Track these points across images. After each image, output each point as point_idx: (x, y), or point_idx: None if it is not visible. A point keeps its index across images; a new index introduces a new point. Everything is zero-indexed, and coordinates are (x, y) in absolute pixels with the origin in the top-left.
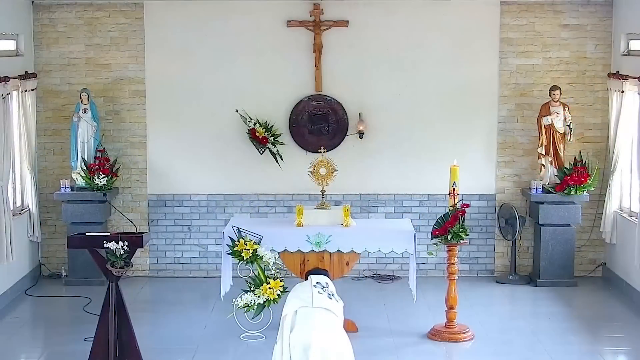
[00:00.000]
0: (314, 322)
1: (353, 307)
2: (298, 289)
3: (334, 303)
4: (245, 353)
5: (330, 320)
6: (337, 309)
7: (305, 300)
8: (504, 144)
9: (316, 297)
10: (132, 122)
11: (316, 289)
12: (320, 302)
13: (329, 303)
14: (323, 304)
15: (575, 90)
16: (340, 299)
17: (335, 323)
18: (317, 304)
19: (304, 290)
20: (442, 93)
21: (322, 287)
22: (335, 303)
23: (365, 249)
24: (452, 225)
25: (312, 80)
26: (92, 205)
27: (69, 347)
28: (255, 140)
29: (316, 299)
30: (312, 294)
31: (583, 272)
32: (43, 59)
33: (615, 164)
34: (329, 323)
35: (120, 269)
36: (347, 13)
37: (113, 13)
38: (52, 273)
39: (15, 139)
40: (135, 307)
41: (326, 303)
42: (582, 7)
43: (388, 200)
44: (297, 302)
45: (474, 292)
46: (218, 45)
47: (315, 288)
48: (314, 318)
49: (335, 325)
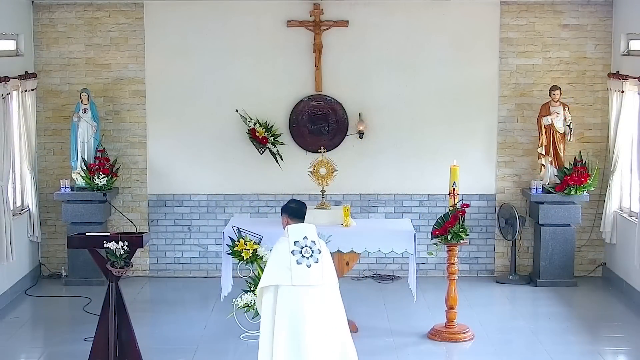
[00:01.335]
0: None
1: (353, 307)
2: (277, 256)
3: (318, 269)
4: (245, 353)
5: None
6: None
7: (284, 278)
8: (504, 144)
9: (296, 271)
10: (132, 122)
11: (295, 257)
12: (300, 278)
13: (312, 275)
14: (303, 281)
15: (575, 90)
16: (326, 249)
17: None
18: (296, 281)
19: (283, 258)
20: (442, 93)
21: (301, 247)
22: (318, 271)
23: (365, 249)
24: (452, 225)
25: (312, 80)
26: (92, 205)
27: (69, 347)
28: (255, 140)
29: (296, 275)
30: (291, 266)
31: (583, 272)
32: (43, 59)
33: (615, 164)
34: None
35: (120, 269)
36: (347, 13)
37: (113, 13)
38: (52, 273)
39: (15, 139)
40: (135, 307)
41: (308, 278)
42: (582, 7)
43: (388, 200)
44: (275, 277)
45: (474, 292)
46: (218, 45)
47: (293, 256)
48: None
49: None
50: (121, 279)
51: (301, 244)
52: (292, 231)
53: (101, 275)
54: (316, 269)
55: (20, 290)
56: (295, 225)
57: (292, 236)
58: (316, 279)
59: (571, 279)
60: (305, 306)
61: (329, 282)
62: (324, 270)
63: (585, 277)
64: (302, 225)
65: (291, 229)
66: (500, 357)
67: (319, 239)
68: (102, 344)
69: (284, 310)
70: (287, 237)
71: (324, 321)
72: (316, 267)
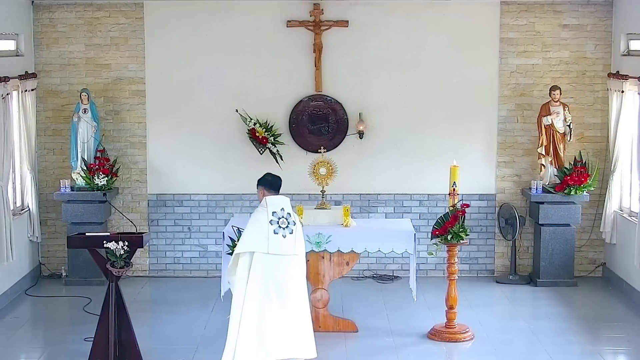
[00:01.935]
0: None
1: (353, 307)
2: (256, 225)
3: (291, 240)
4: None
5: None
6: (296, 248)
7: (261, 245)
8: (504, 144)
9: (272, 240)
10: (132, 122)
11: (272, 226)
12: (276, 247)
13: (286, 245)
14: (278, 250)
15: (575, 90)
16: (299, 222)
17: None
18: (272, 250)
19: (261, 227)
20: (442, 93)
21: (278, 218)
22: (291, 242)
23: (365, 249)
24: (452, 225)
25: (312, 80)
26: (92, 205)
27: (69, 347)
28: (255, 140)
29: (272, 244)
30: (268, 235)
31: (583, 272)
32: (43, 59)
33: (615, 164)
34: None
35: (120, 269)
36: (347, 13)
37: (113, 13)
38: (52, 273)
39: (15, 139)
40: (135, 307)
41: (282, 247)
42: (582, 7)
43: (388, 200)
44: (252, 244)
45: (474, 292)
46: (218, 45)
47: (271, 226)
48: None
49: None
50: (121, 279)
51: (278, 214)
52: (271, 202)
53: (101, 275)
54: (290, 240)
55: (20, 290)
56: (273, 196)
57: (270, 207)
58: (289, 249)
59: (571, 279)
60: (277, 274)
61: (299, 253)
62: (296, 241)
63: (585, 277)
64: (280, 197)
65: (270, 200)
66: (500, 357)
67: (293, 211)
68: (102, 344)
69: (257, 276)
70: (266, 208)
71: (292, 288)
72: (290, 237)
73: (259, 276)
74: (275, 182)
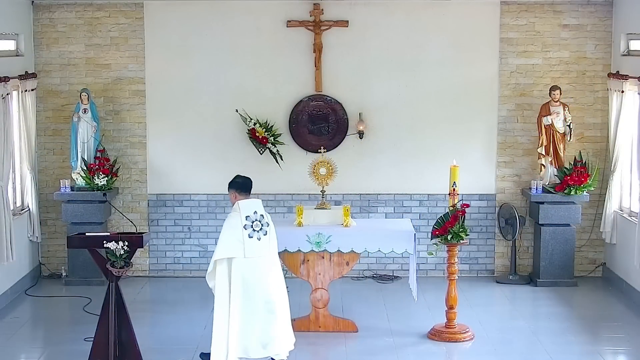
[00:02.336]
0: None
1: (353, 307)
2: (231, 230)
3: (266, 241)
4: None
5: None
6: (271, 248)
7: (237, 251)
8: (504, 144)
9: (248, 245)
10: (132, 122)
11: (247, 231)
12: (252, 251)
13: (262, 247)
14: (254, 253)
15: (575, 90)
16: (272, 222)
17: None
18: (249, 254)
19: (236, 232)
20: (442, 93)
21: (252, 222)
22: (266, 243)
23: (365, 249)
24: (452, 225)
25: (312, 80)
26: (92, 205)
27: (69, 347)
28: (255, 140)
29: (248, 248)
30: (244, 240)
31: (583, 272)
32: (43, 59)
33: (615, 164)
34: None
35: (120, 269)
36: (347, 13)
37: (113, 13)
38: (52, 273)
39: (15, 139)
40: (135, 307)
41: (258, 250)
42: (582, 7)
43: (388, 200)
44: (229, 250)
45: (474, 292)
46: (218, 45)
47: (245, 230)
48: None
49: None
50: (121, 279)
51: (252, 218)
52: (243, 206)
53: (101, 275)
54: (265, 242)
55: (20, 290)
56: (245, 200)
57: (243, 211)
58: (265, 250)
59: (571, 279)
60: (256, 275)
61: (274, 252)
62: (270, 241)
63: (585, 277)
64: (251, 201)
65: (242, 204)
66: (500, 357)
67: (265, 212)
68: (102, 344)
69: (238, 280)
70: (239, 212)
71: (274, 287)
72: (265, 239)
73: (240, 280)
74: (245, 183)
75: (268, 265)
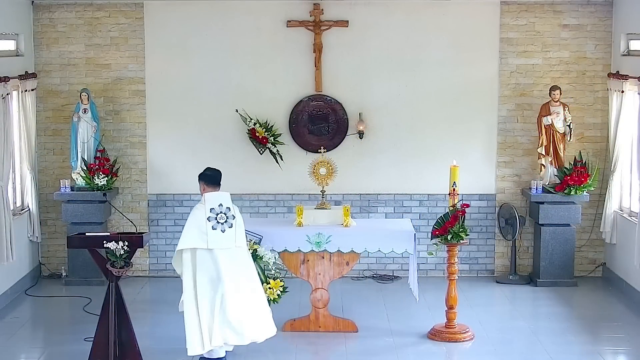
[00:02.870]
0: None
1: (353, 307)
2: (195, 222)
3: (231, 233)
4: (246, 353)
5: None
6: (237, 240)
7: (200, 242)
8: (504, 144)
9: (211, 236)
10: (132, 122)
11: (210, 222)
12: (215, 242)
13: (226, 239)
14: (218, 244)
15: (575, 90)
16: (240, 215)
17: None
18: (212, 245)
19: (199, 223)
20: (442, 93)
21: (216, 214)
22: (231, 235)
23: (365, 249)
24: (452, 225)
25: (312, 80)
26: (92, 205)
27: (69, 347)
28: (255, 140)
29: (211, 239)
30: (207, 231)
31: (583, 272)
32: (43, 59)
33: (615, 164)
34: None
35: (120, 269)
36: (347, 13)
37: (113, 13)
38: (52, 273)
39: (15, 139)
40: (135, 307)
41: (221, 242)
42: (582, 7)
43: (388, 200)
44: (192, 241)
45: (474, 292)
46: (218, 45)
47: (209, 222)
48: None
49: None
50: (121, 279)
51: (217, 210)
52: (209, 198)
53: (101, 275)
54: (230, 234)
55: (20, 290)
56: (211, 193)
57: (208, 203)
58: (229, 242)
59: (571, 279)
60: (220, 266)
61: (240, 245)
62: (236, 234)
63: (585, 277)
64: (218, 193)
65: (208, 196)
66: (500, 357)
67: (234, 206)
68: (102, 344)
69: (203, 270)
70: (204, 204)
71: (237, 277)
72: (230, 231)
73: (205, 271)
74: (214, 176)
75: (233, 256)
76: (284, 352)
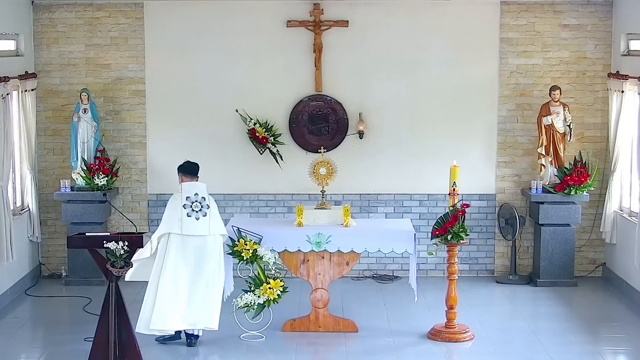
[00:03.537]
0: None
1: (353, 307)
2: (172, 209)
3: (205, 222)
4: (245, 353)
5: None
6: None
7: (175, 227)
8: (504, 144)
9: (185, 222)
10: (132, 122)
11: (185, 210)
12: (189, 229)
13: (200, 226)
14: (192, 231)
15: (575, 90)
16: (215, 205)
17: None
18: (186, 231)
19: (176, 211)
20: (442, 93)
21: (192, 202)
22: (205, 223)
23: (365, 249)
24: (452, 225)
25: (312, 80)
26: (92, 205)
27: (69, 347)
28: (255, 140)
29: (185, 226)
30: (182, 218)
31: (583, 272)
32: (43, 59)
33: (615, 164)
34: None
35: (120, 269)
36: (347, 13)
37: (113, 13)
38: (52, 273)
39: (15, 139)
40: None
41: (195, 229)
42: (582, 7)
43: (388, 200)
44: (168, 226)
45: (474, 292)
46: (218, 45)
47: (184, 209)
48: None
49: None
50: (121, 279)
51: (192, 199)
52: (185, 188)
53: (101, 275)
54: (204, 222)
55: (20, 290)
56: (188, 183)
57: (184, 192)
58: (203, 230)
59: (571, 279)
60: (190, 251)
61: (214, 233)
62: (210, 223)
63: (585, 277)
64: (194, 183)
65: (185, 186)
66: (500, 357)
67: (209, 196)
68: (102, 344)
69: (172, 253)
70: (181, 194)
71: (206, 264)
72: (204, 220)
73: (173, 253)
74: (191, 167)
75: (204, 244)
76: (284, 352)
